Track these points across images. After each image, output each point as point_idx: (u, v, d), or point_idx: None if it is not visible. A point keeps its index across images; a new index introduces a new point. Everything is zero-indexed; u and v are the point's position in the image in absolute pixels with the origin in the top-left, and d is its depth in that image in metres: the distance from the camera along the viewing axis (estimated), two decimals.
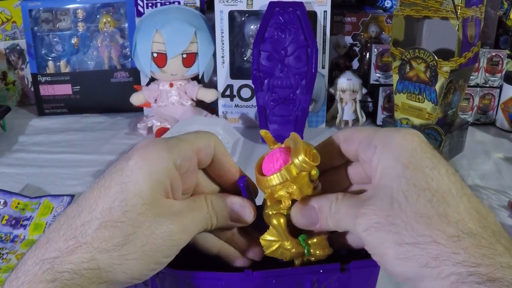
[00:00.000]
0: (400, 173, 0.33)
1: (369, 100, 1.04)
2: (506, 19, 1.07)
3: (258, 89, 0.90)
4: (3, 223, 0.65)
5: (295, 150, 0.37)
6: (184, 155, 0.38)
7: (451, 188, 0.32)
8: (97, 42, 1.06)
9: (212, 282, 0.40)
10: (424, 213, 0.31)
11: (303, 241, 0.40)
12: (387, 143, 0.34)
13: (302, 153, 0.36)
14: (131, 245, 0.34)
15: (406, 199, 0.32)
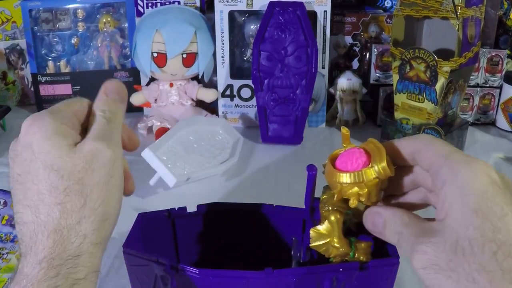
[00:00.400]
0: (468, 219, 0.32)
1: (369, 100, 1.04)
2: (506, 19, 1.07)
3: (258, 89, 0.90)
4: (3, 223, 0.65)
5: (379, 156, 0.38)
6: (66, 117, 0.39)
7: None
8: (97, 42, 1.06)
9: (234, 280, 0.41)
10: (488, 267, 0.30)
11: (353, 244, 0.41)
12: (456, 180, 0.34)
13: (385, 161, 0.37)
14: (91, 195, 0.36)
15: (472, 248, 0.31)
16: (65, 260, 0.35)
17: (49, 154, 0.36)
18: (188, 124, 0.79)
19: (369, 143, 0.39)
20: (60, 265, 0.34)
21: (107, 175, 0.37)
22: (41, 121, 0.37)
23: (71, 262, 0.35)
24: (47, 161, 0.36)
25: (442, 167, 0.35)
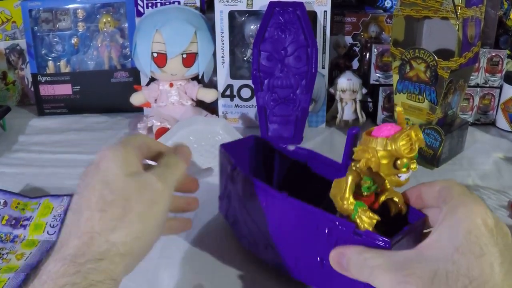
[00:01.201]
0: (450, 254, 0.35)
1: (369, 100, 1.04)
2: (506, 19, 1.07)
3: (258, 89, 0.90)
4: (3, 223, 0.65)
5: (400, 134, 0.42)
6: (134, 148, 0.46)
7: (490, 279, 0.34)
8: (97, 42, 1.06)
9: (262, 192, 0.52)
10: None
11: (356, 207, 0.45)
12: (451, 219, 0.37)
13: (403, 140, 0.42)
14: (131, 211, 0.40)
15: (447, 280, 0.34)
16: (87, 260, 0.37)
17: (110, 173, 0.42)
18: (188, 124, 0.79)
19: (412, 127, 0.43)
20: (82, 264, 0.36)
21: (151, 202, 0.42)
22: (114, 148, 0.44)
23: (92, 263, 0.37)
24: (106, 178, 0.41)
25: (444, 207, 0.39)
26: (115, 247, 0.39)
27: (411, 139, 0.42)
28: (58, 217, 0.65)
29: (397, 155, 0.42)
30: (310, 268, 0.49)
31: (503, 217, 0.69)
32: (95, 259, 0.37)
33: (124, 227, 0.39)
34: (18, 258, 0.59)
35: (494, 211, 0.70)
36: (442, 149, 0.82)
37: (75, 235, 0.39)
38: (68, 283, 0.35)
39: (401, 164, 0.42)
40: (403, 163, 0.42)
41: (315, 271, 0.48)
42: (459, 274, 0.34)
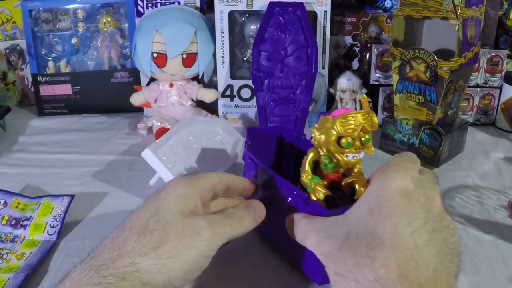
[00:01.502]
0: (362, 216, 0.40)
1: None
2: (506, 19, 1.07)
3: (258, 89, 0.90)
4: (3, 223, 0.65)
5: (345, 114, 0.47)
6: (204, 187, 0.47)
7: (391, 237, 0.37)
8: (97, 42, 1.06)
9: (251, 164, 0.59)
10: (358, 253, 0.37)
11: (312, 180, 0.50)
12: (370, 186, 0.42)
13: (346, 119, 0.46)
14: (165, 245, 0.40)
15: (355, 239, 0.38)
16: (110, 274, 0.38)
17: (164, 205, 0.43)
18: (188, 124, 0.79)
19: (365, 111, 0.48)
20: (104, 276, 0.38)
21: (189, 246, 0.41)
22: (181, 181, 0.46)
23: (114, 279, 0.38)
24: (158, 208, 0.43)
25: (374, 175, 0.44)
26: (138, 273, 0.39)
27: (356, 120, 0.47)
28: (58, 217, 0.65)
29: (338, 133, 0.47)
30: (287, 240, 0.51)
31: (503, 217, 0.69)
32: (117, 276, 0.38)
33: (153, 257, 0.40)
34: (18, 258, 0.59)
35: (494, 211, 0.70)
36: (442, 149, 0.82)
37: (107, 250, 0.40)
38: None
39: (344, 142, 0.47)
40: (346, 141, 0.47)
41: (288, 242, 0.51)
42: (367, 233, 0.38)
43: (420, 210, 0.38)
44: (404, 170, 0.41)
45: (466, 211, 0.71)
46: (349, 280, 0.37)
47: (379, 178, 0.41)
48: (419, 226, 0.37)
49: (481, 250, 0.62)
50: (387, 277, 0.35)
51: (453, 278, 0.37)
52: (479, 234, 0.65)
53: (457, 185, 0.77)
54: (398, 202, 0.38)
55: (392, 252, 0.36)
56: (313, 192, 0.50)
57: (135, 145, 0.93)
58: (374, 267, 0.36)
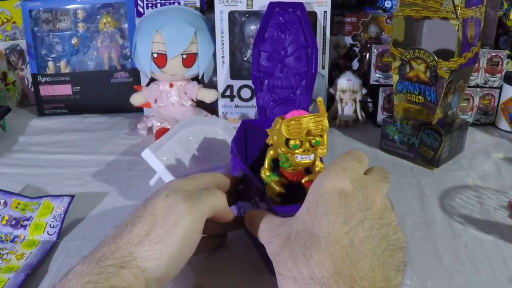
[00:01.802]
0: (301, 216, 0.41)
1: (369, 101, 1.04)
2: (506, 19, 1.07)
3: (258, 89, 0.90)
4: (3, 223, 0.65)
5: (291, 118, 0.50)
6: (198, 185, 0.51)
7: (326, 235, 0.38)
8: (97, 42, 1.06)
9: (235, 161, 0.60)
10: (296, 253, 0.38)
11: (269, 177, 0.54)
12: (311, 188, 0.43)
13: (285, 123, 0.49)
14: (154, 230, 0.42)
15: (295, 238, 0.40)
16: (110, 264, 0.40)
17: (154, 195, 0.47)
18: (188, 125, 0.79)
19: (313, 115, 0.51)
20: (105, 267, 0.39)
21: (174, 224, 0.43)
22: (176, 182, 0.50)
23: (114, 268, 0.39)
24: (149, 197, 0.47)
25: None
26: (135, 261, 0.41)
27: (301, 124, 0.49)
28: (58, 217, 0.65)
29: (284, 136, 0.50)
30: None
31: (503, 217, 0.69)
32: (117, 266, 0.40)
33: (146, 244, 0.42)
34: (18, 258, 0.59)
35: (494, 211, 0.70)
36: (442, 149, 0.82)
37: (106, 244, 0.42)
38: (91, 281, 0.37)
39: (291, 144, 0.50)
40: (293, 143, 0.50)
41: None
42: (305, 231, 0.39)
43: (357, 209, 0.39)
44: (343, 170, 0.42)
45: (466, 211, 0.71)
46: (288, 279, 0.38)
47: (319, 178, 0.42)
48: (356, 224, 0.38)
49: (481, 250, 0.62)
50: (322, 275, 0.36)
51: (394, 272, 0.38)
52: (479, 234, 0.65)
53: (457, 185, 0.77)
54: (335, 201, 0.39)
55: (327, 251, 0.37)
56: (268, 189, 0.53)
57: (135, 145, 0.93)
58: (310, 265, 0.37)
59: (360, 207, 0.39)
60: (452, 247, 0.62)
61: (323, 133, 0.51)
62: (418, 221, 0.68)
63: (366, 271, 0.36)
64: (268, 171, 0.54)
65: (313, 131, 0.50)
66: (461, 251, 0.62)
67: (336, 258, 0.36)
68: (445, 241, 0.64)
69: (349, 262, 0.36)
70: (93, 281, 0.37)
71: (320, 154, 0.52)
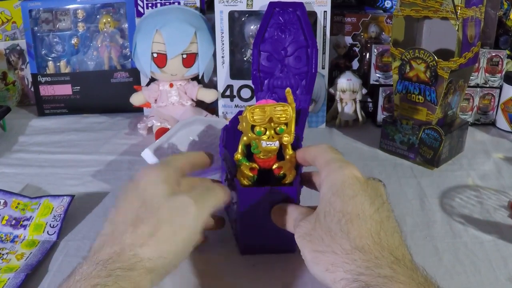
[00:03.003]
0: (328, 198, 0.44)
1: (369, 100, 1.04)
2: (506, 19, 1.07)
3: (258, 89, 0.90)
4: (3, 223, 0.65)
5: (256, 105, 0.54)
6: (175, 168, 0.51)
7: (360, 213, 0.42)
8: (97, 42, 1.06)
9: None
10: (332, 229, 0.42)
11: (241, 162, 0.57)
12: (328, 179, 0.46)
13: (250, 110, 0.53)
14: (160, 231, 0.43)
15: (325, 218, 0.43)
16: (117, 267, 0.40)
17: (148, 192, 0.46)
18: (188, 124, 0.79)
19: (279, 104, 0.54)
20: (112, 269, 0.40)
21: (181, 227, 0.45)
22: (155, 168, 0.49)
23: (122, 271, 0.40)
24: (144, 196, 0.46)
25: (322, 171, 0.48)
26: (142, 262, 0.41)
27: (264, 112, 0.53)
28: (58, 217, 0.65)
29: (250, 122, 0.53)
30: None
31: (503, 217, 0.69)
32: (124, 268, 0.40)
33: (152, 245, 0.42)
34: (18, 258, 0.59)
35: (494, 211, 0.70)
36: (442, 149, 0.82)
37: (108, 245, 0.42)
38: (99, 283, 0.38)
39: (256, 130, 0.54)
40: (257, 130, 0.54)
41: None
42: (335, 211, 0.42)
43: (375, 194, 0.44)
44: (349, 163, 0.47)
45: (466, 211, 0.71)
46: (328, 254, 0.41)
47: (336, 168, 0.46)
48: (379, 206, 0.43)
49: (481, 250, 0.62)
50: (363, 244, 0.40)
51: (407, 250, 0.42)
52: (479, 234, 0.65)
53: (457, 185, 0.77)
54: (359, 186, 0.44)
55: (365, 225, 0.41)
56: (239, 172, 0.57)
57: (135, 145, 0.93)
58: (350, 238, 0.41)
59: (376, 193, 0.44)
60: (452, 247, 0.62)
61: (288, 121, 0.54)
62: (418, 221, 0.68)
63: (396, 244, 0.41)
64: (240, 155, 0.57)
65: (275, 119, 0.54)
66: (461, 251, 0.62)
67: (373, 231, 0.41)
68: (445, 241, 0.64)
69: (384, 235, 0.40)
70: (101, 283, 0.38)
71: (285, 141, 0.55)
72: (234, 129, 0.64)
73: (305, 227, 0.45)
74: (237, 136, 0.62)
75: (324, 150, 0.51)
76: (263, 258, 0.59)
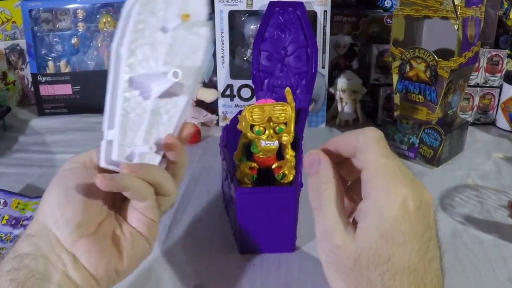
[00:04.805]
0: (374, 240, 0.37)
1: (369, 100, 1.04)
2: (506, 19, 1.07)
3: (258, 89, 0.90)
4: (3, 223, 0.65)
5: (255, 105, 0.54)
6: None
7: (406, 266, 0.36)
8: (97, 42, 1.06)
9: None
10: (374, 282, 0.36)
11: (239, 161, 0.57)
12: (376, 199, 0.37)
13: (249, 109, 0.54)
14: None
15: (368, 265, 0.36)
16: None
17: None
18: None
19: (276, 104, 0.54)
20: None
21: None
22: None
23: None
24: None
25: (370, 180, 0.38)
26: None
27: (263, 111, 0.53)
28: None
29: (249, 122, 0.53)
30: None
31: (503, 217, 0.69)
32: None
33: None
34: None
35: (494, 211, 0.70)
36: (442, 149, 0.82)
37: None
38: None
39: (255, 130, 0.54)
40: (256, 129, 0.54)
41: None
42: (380, 260, 0.36)
43: (425, 227, 0.37)
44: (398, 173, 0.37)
45: (466, 211, 0.71)
46: None
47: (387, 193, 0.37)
48: (426, 248, 0.37)
49: (481, 250, 0.62)
50: None
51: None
52: (479, 234, 0.65)
53: (457, 185, 0.77)
54: (409, 226, 0.37)
55: (407, 280, 0.36)
56: (238, 171, 0.57)
57: None
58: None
59: (425, 227, 0.37)
60: (452, 247, 0.62)
61: (287, 120, 0.54)
62: None
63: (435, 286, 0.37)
64: (239, 155, 0.57)
65: (275, 119, 0.53)
66: (461, 251, 0.62)
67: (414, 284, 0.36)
68: (445, 241, 0.63)
69: (423, 285, 0.36)
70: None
71: (284, 141, 0.55)
72: (234, 129, 0.64)
73: (342, 261, 0.38)
74: (237, 135, 0.62)
75: (375, 141, 0.39)
76: (263, 258, 0.59)
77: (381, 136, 0.39)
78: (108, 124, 0.43)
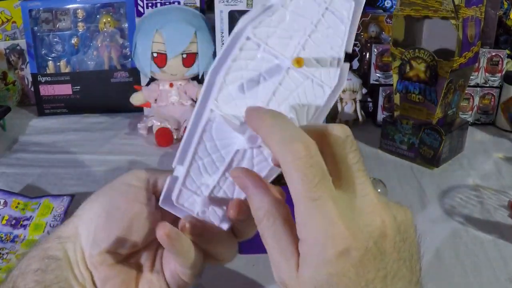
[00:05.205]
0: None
1: (369, 100, 1.04)
2: (506, 19, 1.07)
3: None
4: (3, 223, 0.65)
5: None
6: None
7: None
8: (97, 42, 1.06)
9: None
10: None
11: None
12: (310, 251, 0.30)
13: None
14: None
15: None
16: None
17: None
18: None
19: None
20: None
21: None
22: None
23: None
24: None
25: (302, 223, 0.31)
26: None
27: None
28: (58, 217, 0.65)
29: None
30: None
31: (503, 217, 0.69)
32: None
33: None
34: (18, 258, 0.59)
35: (494, 211, 0.70)
36: (442, 149, 0.82)
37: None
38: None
39: None
40: None
41: None
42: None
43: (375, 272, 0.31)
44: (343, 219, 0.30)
45: (466, 211, 0.71)
46: None
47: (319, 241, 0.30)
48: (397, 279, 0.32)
49: (481, 250, 0.62)
50: None
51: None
52: (479, 234, 0.65)
53: (457, 185, 0.77)
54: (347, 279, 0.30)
55: None
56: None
57: (135, 145, 0.92)
58: None
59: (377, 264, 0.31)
60: (452, 247, 0.62)
61: None
62: (418, 221, 0.68)
63: None
64: None
65: None
66: (461, 251, 0.62)
67: None
68: (445, 241, 0.64)
69: None
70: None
71: None
72: None
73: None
74: None
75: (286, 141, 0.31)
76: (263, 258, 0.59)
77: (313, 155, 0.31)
78: (178, 157, 0.37)
